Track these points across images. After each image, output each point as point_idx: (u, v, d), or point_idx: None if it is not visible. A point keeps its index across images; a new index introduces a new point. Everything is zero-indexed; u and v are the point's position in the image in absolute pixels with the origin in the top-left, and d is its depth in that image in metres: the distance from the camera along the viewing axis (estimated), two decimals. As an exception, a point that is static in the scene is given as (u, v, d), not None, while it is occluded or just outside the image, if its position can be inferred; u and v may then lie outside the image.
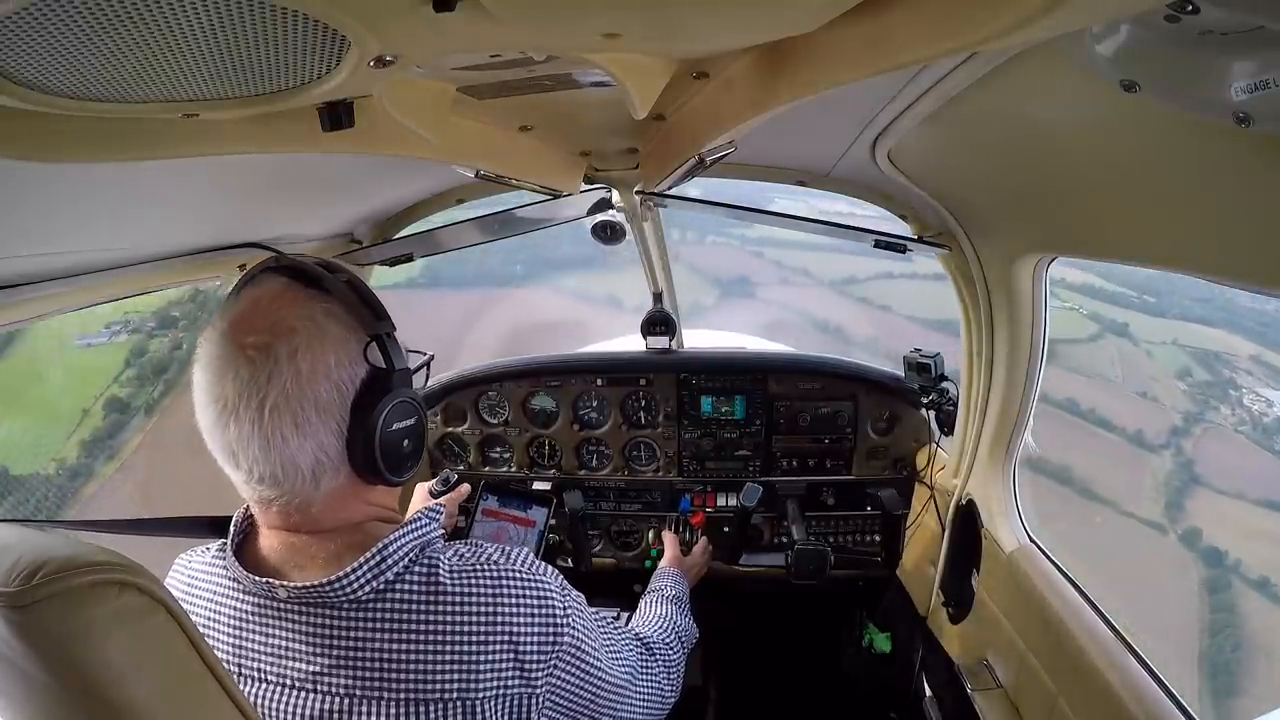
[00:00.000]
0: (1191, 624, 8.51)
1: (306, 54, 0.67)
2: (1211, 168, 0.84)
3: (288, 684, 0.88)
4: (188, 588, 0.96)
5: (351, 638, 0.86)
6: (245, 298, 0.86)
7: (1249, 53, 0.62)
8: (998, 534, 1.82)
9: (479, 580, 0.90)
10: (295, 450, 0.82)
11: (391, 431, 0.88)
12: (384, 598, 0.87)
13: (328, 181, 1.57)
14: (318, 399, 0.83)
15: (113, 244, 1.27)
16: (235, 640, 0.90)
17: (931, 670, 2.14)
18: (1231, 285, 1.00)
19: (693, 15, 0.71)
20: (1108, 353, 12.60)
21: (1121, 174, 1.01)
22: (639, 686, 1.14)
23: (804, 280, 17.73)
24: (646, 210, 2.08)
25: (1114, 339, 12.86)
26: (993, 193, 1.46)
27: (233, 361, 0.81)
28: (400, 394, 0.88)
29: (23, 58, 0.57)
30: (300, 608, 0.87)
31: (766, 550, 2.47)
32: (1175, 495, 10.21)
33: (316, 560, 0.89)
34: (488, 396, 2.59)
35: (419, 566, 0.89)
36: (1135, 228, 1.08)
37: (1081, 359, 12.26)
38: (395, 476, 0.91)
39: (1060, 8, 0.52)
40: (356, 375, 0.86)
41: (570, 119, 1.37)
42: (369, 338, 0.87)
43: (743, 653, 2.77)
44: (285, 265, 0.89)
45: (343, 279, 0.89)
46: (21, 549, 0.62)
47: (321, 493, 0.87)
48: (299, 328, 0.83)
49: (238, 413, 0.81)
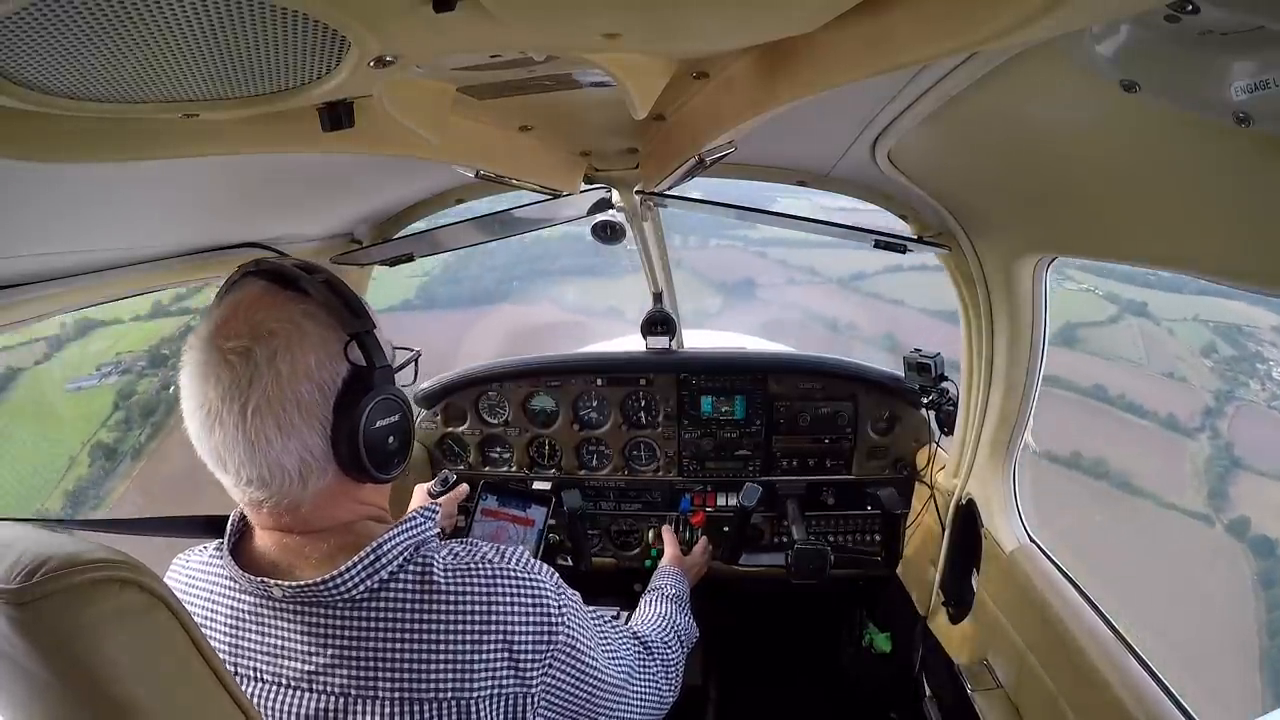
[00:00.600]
0: (1249, 623, 8.12)
1: (306, 54, 0.67)
2: (1211, 168, 0.84)
3: (284, 683, 0.88)
4: (185, 587, 0.96)
5: (346, 637, 0.86)
6: (226, 303, 0.87)
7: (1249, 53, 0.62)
8: (998, 534, 1.82)
9: (473, 579, 0.90)
10: (280, 452, 0.83)
11: (376, 429, 0.88)
12: (378, 596, 0.87)
13: (328, 181, 1.57)
14: (300, 400, 0.83)
15: (113, 244, 1.27)
16: (232, 639, 0.91)
17: (931, 670, 2.14)
18: (1232, 285, 1.00)
19: (693, 15, 0.71)
20: (1129, 334, 12.21)
21: (1121, 174, 1.01)
22: (636, 686, 1.14)
23: (811, 279, 17.33)
24: (646, 210, 2.08)
25: (1134, 319, 12.44)
26: (993, 193, 1.46)
27: (215, 366, 0.82)
28: (383, 391, 0.88)
29: (23, 58, 0.57)
30: (296, 607, 0.88)
31: (767, 550, 2.48)
32: (1217, 482, 9.71)
33: (310, 560, 0.89)
34: (488, 396, 2.59)
35: (413, 565, 0.89)
36: (1135, 228, 1.08)
37: (1104, 342, 11.99)
38: (382, 474, 0.91)
39: (1060, 8, 0.52)
40: (338, 374, 0.86)
41: (570, 119, 1.37)
42: (349, 336, 0.88)
43: (743, 653, 2.77)
44: (264, 269, 0.90)
45: (320, 279, 0.89)
46: (23, 546, 0.62)
47: (310, 493, 0.87)
48: (278, 330, 0.83)
49: (221, 417, 0.82)
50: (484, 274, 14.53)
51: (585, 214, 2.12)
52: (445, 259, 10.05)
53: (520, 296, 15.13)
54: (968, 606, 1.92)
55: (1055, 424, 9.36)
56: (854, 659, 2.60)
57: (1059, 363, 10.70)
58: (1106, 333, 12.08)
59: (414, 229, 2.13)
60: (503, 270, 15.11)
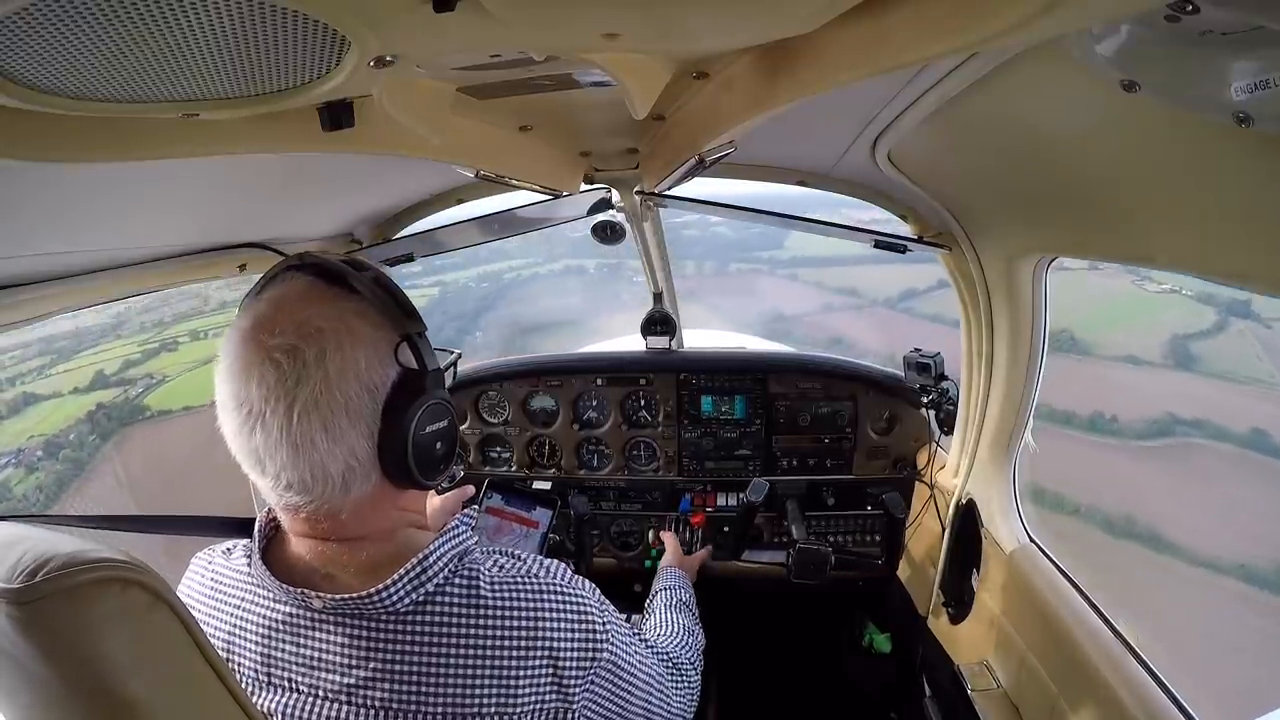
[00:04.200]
0: None
1: (306, 54, 0.67)
2: (1211, 168, 0.84)
3: (320, 695, 0.85)
4: (211, 591, 0.93)
5: (390, 650, 0.84)
6: (267, 298, 0.83)
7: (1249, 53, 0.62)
8: (998, 534, 1.82)
9: (520, 594, 0.88)
10: (325, 456, 0.79)
11: (425, 434, 0.85)
12: (424, 610, 0.84)
13: (328, 181, 1.57)
14: (348, 402, 0.79)
15: (113, 244, 1.27)
16: (265, 649, 0.88)
17: (931, 670, 2.14)
18: (1232, 285, 1.00)
19: (692, 15, 0.71)
20: (1242, 343, 9.73)
21: (1121, 174, 1.01)
22: (665, 700, 1.13)
23: (854, 302, 14.80)
24: (646, 210, 2.09)
25: (1241, 323, 9.82)
26: (993, 193, 1.46)
27: (258, 365, 0.78)
28: (433, 395, 0.85)
29: (23, 58, 0.57)
30: (337, 618, 0.85)
31: (768, 548, 2.48)
32: None
33: (348, 569, 0.87)
34: (488, 396, 2.59)
35: (459, 578, 0.87)
36: (1135, 228, 1.08)
37: (1220, 359, 9.59)
38: (428, 480, 0.88)
39: (1060, 8, 0.52)
40: (388, 377, 0.83)
41: (570, 119, 1.38)
42: (399, 338, 0.84)
43: (743, 653, 2.77)
44: (309, 263, 0.86)
45: (370, 276, 0.85)
46: (25, 545, 0.62)
47: (351, 499, 0.83)
48: (326, 329, 0.79)
49: (264, 418, 0.78)
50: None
51: (585, 214, 2.12)
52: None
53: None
54: (968, 607, 1.92)
55: (1221, 497, 7.54)
56: (854, 659, 2.60)
57: (1182, 393, 9.49)
58: (1216, 346, 9.78)
59: (414, 229, 2.13)
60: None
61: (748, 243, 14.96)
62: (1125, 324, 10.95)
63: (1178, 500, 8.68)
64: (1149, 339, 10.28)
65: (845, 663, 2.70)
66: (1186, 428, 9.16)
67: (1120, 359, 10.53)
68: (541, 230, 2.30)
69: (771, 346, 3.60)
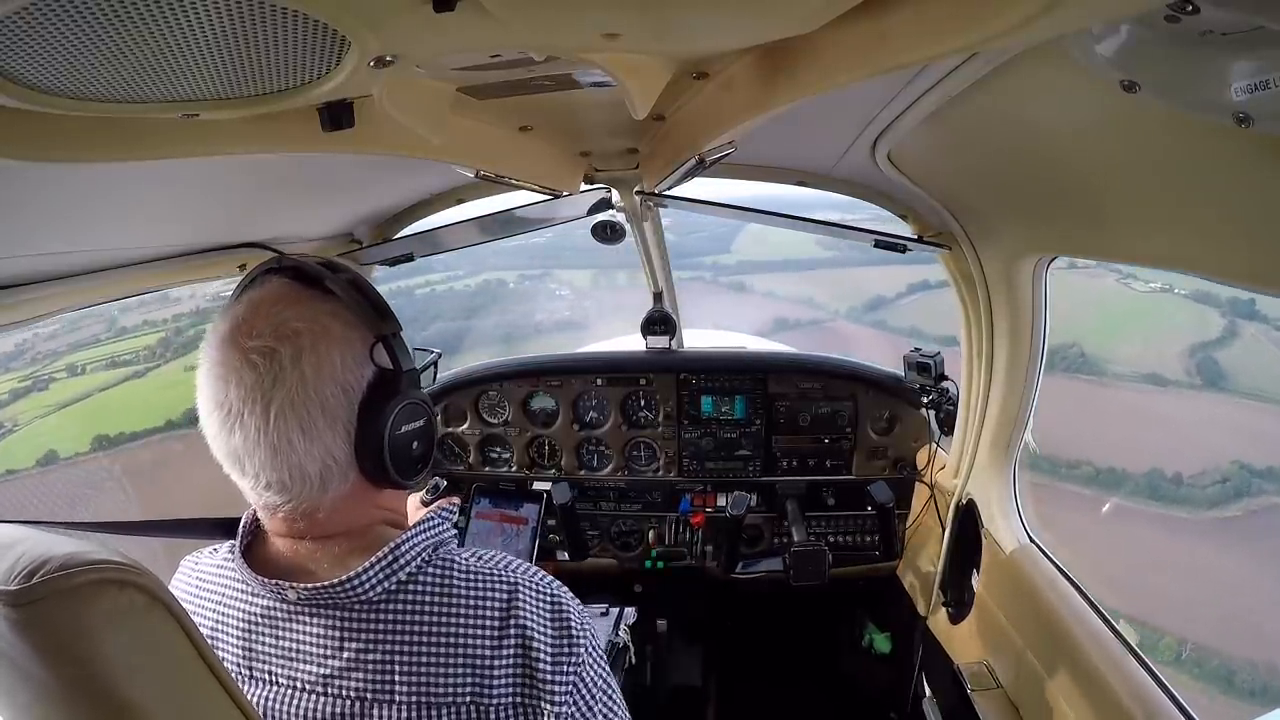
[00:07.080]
0: None
1: (306, 54, 0.67)
2: (1211, 168, 0.84)
3: (298, 686, 0.87)
4: (196, 590, 0.95)
5: (363, 639, 0.85)
6: (246, 300, 0.84)
7: (1249, 53, 0.62)
8: (998, 534, 1.82)
9: (495, 584, 0.89)
10: (303, 455, 0.81)
11: (401, 434, 0.86)
12: (396, 599, 0.85)
13: (328, 181, 1.57)
14: (324, 403, 0.81)
15: (113, 244, 1.27)
16: (245, 643, 0.89)
17: (931, 670, 2.14)
18: (1232, 285, 1.00)
19: (692, 15, 0.71)
20: (1257, 350, 8.49)
21: (1121, 174, 1.01)
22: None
23: (811, 315, 12.03)
24: (646, 210, 2.09)
25: (1249, 325, 8.54)
26: (993, 193, 1.46)
27: (235, 366, 0.79)
28: (408, 395, 0.86)
29: (23, 58, 0.57)
30: (311, 609, 0.86)
31: (764, 555, 2.47)
32: None
33: (323, 564, 0.88)
34: (488, 396, 2.59)
35: (432, 567, 0.88)
36: (1135, 228, 1.08)
37: (1245, 374, 8.09)
38: (405, 479, 0.89)
39: (1060, 8, 0.52)
40: (363, 377, 0.84)
41: (570, 119, 1.38)
42: (375, 338, 0.85)
43: (743, 653, 2.77)
44: (287, 266, 0.87)
45: (346, 278, 0.86)
46: (23, 547, 0.62)
47: (329, 498, 0.85)
48: (303, 330, 0.81)
49: (242, 418, 0.79)
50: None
51: (585, 214, 2.12)
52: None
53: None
54: (968, 607, 1.92)
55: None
56: (854, 659, 2.60)
57: (1229, 423, 7.67)
58: (1236, 357, 8.35)
59: (414, 229, 2.13)
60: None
61: (686, 247, 12.31)
62: (1129, 331, 9.56)
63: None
64: (1163, 349, 8.61)
65: (845, 663, 2.70)
66: (1260, 479, 6.76)
67: (1141, 379, 8.63)
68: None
69: (772, 346, 3.60)
